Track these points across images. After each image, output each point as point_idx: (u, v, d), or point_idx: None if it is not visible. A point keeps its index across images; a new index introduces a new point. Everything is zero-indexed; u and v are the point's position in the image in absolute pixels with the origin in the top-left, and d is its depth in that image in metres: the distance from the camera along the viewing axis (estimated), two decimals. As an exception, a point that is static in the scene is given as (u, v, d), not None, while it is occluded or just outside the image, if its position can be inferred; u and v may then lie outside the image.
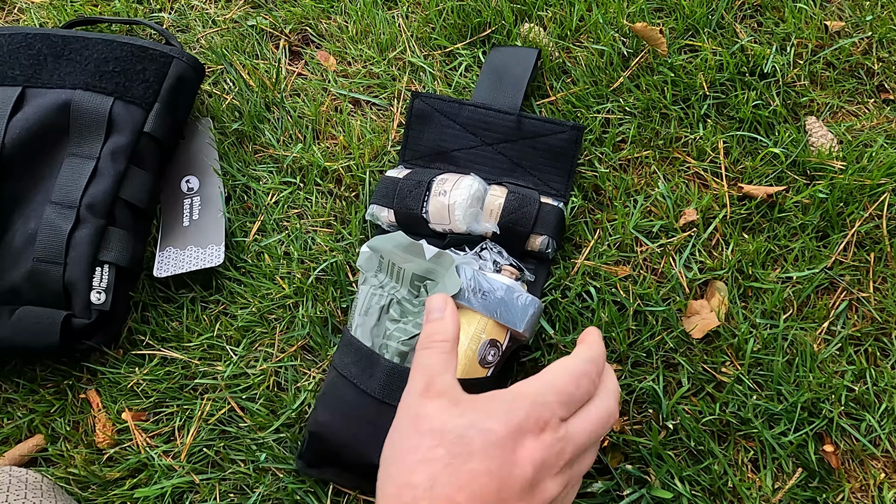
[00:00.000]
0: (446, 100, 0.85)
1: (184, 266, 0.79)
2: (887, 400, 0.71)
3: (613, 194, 0.82)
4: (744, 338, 0.73)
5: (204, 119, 0.90)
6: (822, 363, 0.73)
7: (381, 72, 0.93)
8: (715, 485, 0.67)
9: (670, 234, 0.80)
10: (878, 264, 0.78)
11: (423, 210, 0.77)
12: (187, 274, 0.81)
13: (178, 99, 0.84)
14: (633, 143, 0.85)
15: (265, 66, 0.95)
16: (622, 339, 0.73)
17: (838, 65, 0.91)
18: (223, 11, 1.01)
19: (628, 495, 0.67)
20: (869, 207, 0.80)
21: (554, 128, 0.82)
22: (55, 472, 0.72)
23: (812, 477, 0.68)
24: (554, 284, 0.77)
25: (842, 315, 0.76)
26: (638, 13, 0.93)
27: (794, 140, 0.84)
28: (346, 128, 0.89)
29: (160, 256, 0.81)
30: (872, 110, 0.88)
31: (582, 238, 0.80)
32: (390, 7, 0.99)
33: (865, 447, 0.69)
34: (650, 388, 0.71)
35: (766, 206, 0.81)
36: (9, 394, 0.77)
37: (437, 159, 0.84)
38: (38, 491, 0.61)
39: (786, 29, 0.92)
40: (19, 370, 0.78)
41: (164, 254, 0.81)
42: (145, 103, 0.81)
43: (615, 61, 0.90)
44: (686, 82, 0.88)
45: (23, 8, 1.03)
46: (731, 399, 0.71)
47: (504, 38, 0.94)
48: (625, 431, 0.70)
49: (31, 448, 0.73)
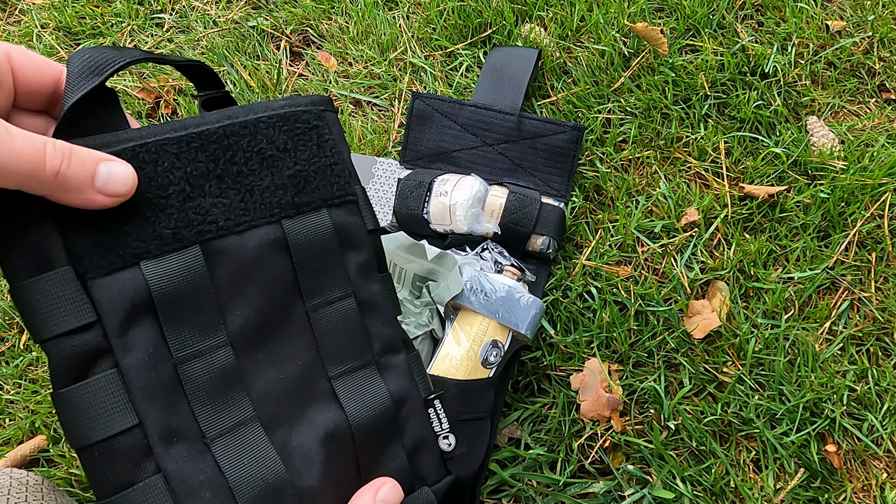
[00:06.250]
0: (447, 100, 0.85)
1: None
2: (889, 400, 0.71)
3: (615, 194, 0.82)
4: (745, 338, 0.73)
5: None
6: (823, 363, 0.73)
7: (381, 72, 0.93)
8: (717, 485, 0.67)
9: (672, 235, 0.80)
10: (879, 264, 0.78)
11: (424, 210, 0.77)
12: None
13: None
14: (635, 143, 0.85)
15: (266, 66, 0.95)
16: (623, 340, 0.73)
17: (839, 64, 0.91)
18: (224, 12, 1.01)
19: (630, 495, 0.67)
20: (870, 207, 0.80)
21: (554, 128, 0.82)
22: (56, 473, 0.72)
23: (814, 477, 0.68)
24: (555, 284, 0.77)
25: (843, 315, 0.76)
26: (639, 13, 0.93)
27: (795, 140, 0.84)
28: (347, 128, 0.89)
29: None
30: (874, 110, 0.88)
31: (583, 238, 0.80)
32: (391, 8, 0.99)
33: (868, 447, 0.69)
34: (651, 388, 0.71)
35: (767, 205, 0.81)
36: (10, 395, 0.77)
37: (437, 160, 0.84)
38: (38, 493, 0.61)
39: (787, 29, 0.92)
40: (21, 372, 0.78)
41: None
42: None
43: (616, 61, 0.90)
44: (687, 82, 0.88)
45: (24, 9, 1.03)
46: (733, 399, 0.71)
47: (505, 39, 0.94)
48: (626, 432, 0.70)
49: (33, 449, 0.73)
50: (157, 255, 0.33)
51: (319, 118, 0.39)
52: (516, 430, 0.71)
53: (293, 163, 0.38)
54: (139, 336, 0.32)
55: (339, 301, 0.40)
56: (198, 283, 0.34)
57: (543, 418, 0.72)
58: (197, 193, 0.35)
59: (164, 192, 0.34)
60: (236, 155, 0.36)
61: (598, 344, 0.74)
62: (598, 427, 0.70)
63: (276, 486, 0.34)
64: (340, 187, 0.40)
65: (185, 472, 0.33)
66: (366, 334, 0.41)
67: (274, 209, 0.37)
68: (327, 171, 0.39)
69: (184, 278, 0.34)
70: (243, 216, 0.36)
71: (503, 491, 0.68)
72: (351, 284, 0.40)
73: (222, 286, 0.35)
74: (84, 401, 0.31)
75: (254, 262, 0.36)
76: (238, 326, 0.36)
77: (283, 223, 0.37)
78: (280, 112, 0.38)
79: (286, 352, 0.38)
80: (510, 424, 0.71)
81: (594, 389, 0.70)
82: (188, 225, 0.34)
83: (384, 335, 0.42)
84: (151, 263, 0.33)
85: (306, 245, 0.38)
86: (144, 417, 0.32)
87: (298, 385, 0.38)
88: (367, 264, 0.41)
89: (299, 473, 0.36)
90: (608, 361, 0.73)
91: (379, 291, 0.42)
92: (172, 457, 0.33)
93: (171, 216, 0.34)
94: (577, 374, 0.72)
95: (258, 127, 0.37)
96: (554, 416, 0.71)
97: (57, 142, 0.29)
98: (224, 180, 0.36)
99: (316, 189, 0.39)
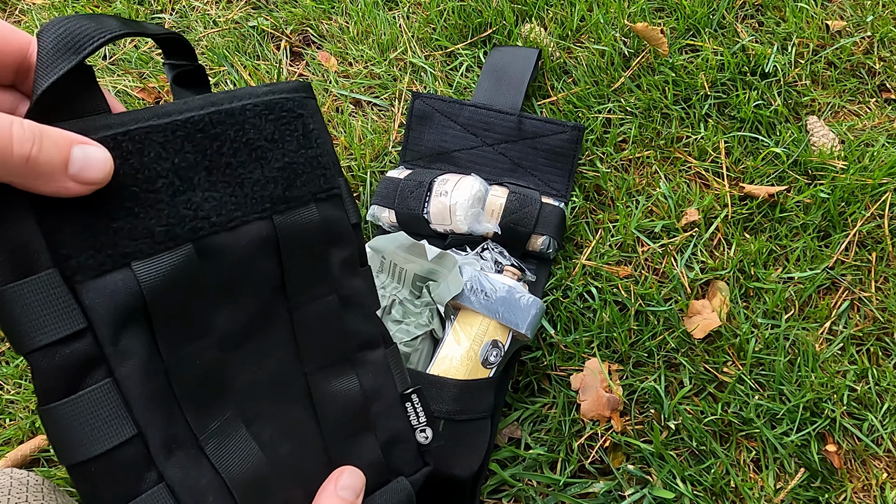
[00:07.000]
0: (447, 100, 0.85)
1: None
2: (889, 399, 0.71)
3: (615, 194, 0.82)
4: (745, 338, 0.73)
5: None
6: (823, 363, 0.73)
7: (381, 72, 0.93)
8: (717, 485, 0.67)
9: (672, 234, 0.80)
10: (879, 264, 0.78)
11: (424, 210, 0.77)
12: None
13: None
14: (635, 143, 0.85)
15: (266, 66, 0.95)
16: (624, 340, 0.73)
17: (839, 64, 0.91)
18: (224, 12, 1.01)
19: (630, 495, 0.67)
20: (870, 207, 0.80)
21: (554, 128, 0.82)
22: (57, 473, 0.72)
23: (814, 477, 0.68)
24: (555, 284, 0.77)
25: (843, 315, 0.76)
26: (639, 13, 0.93)
27: (795, 140, 0.84)
28: (347, 128, 0.89)
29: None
30: (874, 110, 0.88)
31: (583, 238, 0.80)
32: (391, 8, 0.99)
33: (868, 447, 0.69)
34: (652, 388, 0.71)
35: (767, 205, 0.81)
36: (11, 395, 0.77)
37: (437, 160, 0.84)
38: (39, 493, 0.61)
39: (787, 28, 0.92)
40: (21, 372, 0.78)
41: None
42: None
43: (616, 61, 0.90)
44: (687, 82, 0.88)
45: (24, 9, 1.03)
46: (733, 399, 0.71)
47: (505, 39, 0.94)
48: (626, 432, 0.70)
49: (33, 449, 0.73)
50: (149, 255, 0.30)
51: (303, 106, 0.37)
52: (516, 430, 0.71)
53: (282, 154, 0.36)
54: (132, 342, 0.30)
55: (322, 298, 0.38)
56: (190, 283, 0.32)
57: (543, 418, 0.72)
58: (186, 187, 0.32)
59: (152, 185, 0.31)
60: (224, 145, 0.33)
61: (599, 344, 0.74)
62: (599, 427, 0.69)
63: (260, 480, 0.34)
64: (327, 180, 0.38)
65: (188, 479, 0.31)
66: (345, 331, 0.40)
67: (265, 204, 0.35)
68: (314, 162, 0.37)
69: (177, 279, 0.31)
70: (235, 211, 0.34)
71: (503, 491, 0.68)
72: (334, 281, 0.39)
73: (213, 286, 0.33)
74: (80, 414, 0.29)
75: (245, 259, 0.34)
76: (225, 326, 0.34)
77: (274, 218, 0.35)
78: (265, 99, 0.35)
79: (267, 348, 0.37)
80: (510, 424, 0.71)
81: (594, 389, 0.70)
82: (180, 221, 0.31)
83: (363, 331, 0.41)
84: (143, 264, 0.30)
85: (295, 241, 0.36)
86: (145, 427, 0.30)
87: (276, 381, 0.37)
88: (350, 260, 0.40)
89: (274, 467, 0.35)
90: (608, 361, 0.73)
91: (361, 286, 0.41)
92: (174, 464, 0.31)
93: (162, 212, 0.31)
94: (578, 374, 0.72)
95: (245, 115, 0.34)
96: (554, 416, 0.71)
97: (25, 121, 0.26)
98: (213, 173, 0.33)
99: (305, 183, 0.37)
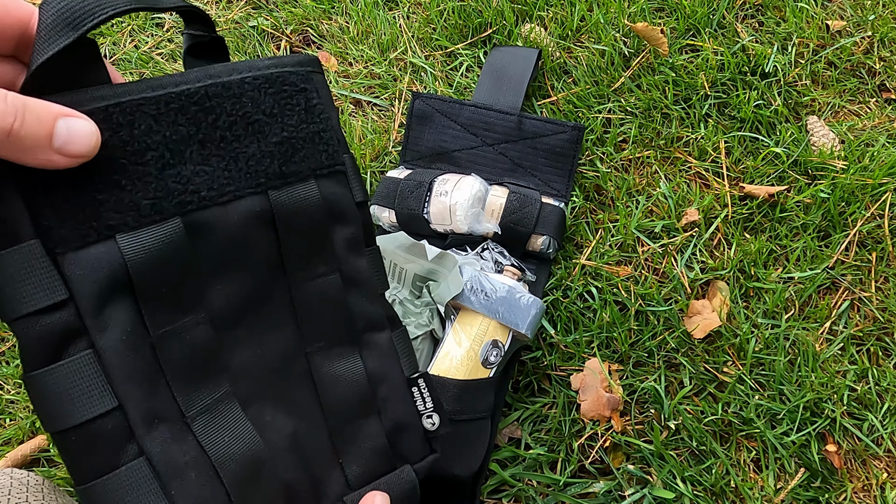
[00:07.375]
0: (447, 100, 0.85)
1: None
2: (890, 399, 0.71)
3: (615, 194, 0.82)
4: (745, 338, 0.73)
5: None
6: (824, 363, 0.73)
7: (382, 72, 0.93)
8: (717, 485, 0.67)
9: (672, 234, 0.80)
10: (879, 264, 0.78)
11: (424, 210, 0.77)
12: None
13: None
14: (635, 143, 0.85)
15: (266, 66, 0.95)
16: (624, 340, 0.73)
17: (840, 64, 0.91)
18: (224, 12, 1.01)
19: (630, 495, 0.67)
20: (871, 207, 0.80)
21: (555, 128, 0.82)
22: (57, 473, 0.72)
23: (814, 477, 0.68)
24: (555, 284, 0.77)
25: (843, 315, 0.76)
26: (639, 13, 0.93)
27: (795, 140, 0.84)
28: (347, 128, 0.89)
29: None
30: (874, 110, 0.88)
31: (583, 238, 0.80)
32: (391, 8, 0.99)
33: (868, 447, 0.69)
34: (652, 388, 0.71)
35: (767, 205, 0.81)
36: (11, 395, 0.77)
37: (438, 160, 0.84)
38: (39, 493, 0.61)
39: (787, 28, 0.92)
40: (21, 371, 0.78)
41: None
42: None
43: (616, 61, 0.90)
44: (687, 82, 0.88)
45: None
46: (733, 399, 0.71)
47: (505, 39, 0.94)
48: (627, 432, 0.70)
49: (33, 449, 0.73)
50: (135, 228, 0.30)
51: (307, 80, 0.36)
52: (516, 430, 0.71)
53: (280, 129, 0.35)
54: (116, 315, 0.30)
55: (324, 277, 0.38)
56: (178, 258, 0.31)
57: (544, 418, 0.72)
58: (177, 160, 0.31)
59: (140, 158, 0.30)
60: (219, 119, 0.33)
61: (599, 344, 0.74)
62: (599, 427, 0.69)
63: (255, 461, 0.33)
64: (329, 156, 0.37)
65: (169, 454, 0.31)
66: (348, 311, 0.39)
67: (260, 178, 0.34)
68: (315, 138, 0.36)
69: (163, 253, 0.31)
70: (227, 186, 0.33)
71: (503, 491, 0.68)
72: (337, 259, 0.38)
73: (204, 261, 0.33)
74: (59, 384, 0.29)
75: (238, 235, 0.34)
76: (218, 302, 0.34)
77: (270, 194, 0.35)
78: (266, 73, 0.35)
79: (267, 328, 0.36)
80: (510, 424, 0.71)
81: (594, 389, 0.70)
82: (168, 195, 0.31)
83: (368, 312, 0.40)
84: (128, 237, 0.30)
85: (293, 218, 0.36)
86: (125, 400, 0.30)
87: (276, 361, 0.36)
88: (354, 238, 0.39)
89: (274, 449, 0.35)
90: (608, 361, 0.73)
91: (365, 267, 0.40)
92: (155, 439, 0.31)
93: (150, 185, 0.31)
94: (578, 374, 0.72)
95: (243, 89, 0.34)
96: (554, 416, 0.71)
97: (9, 94, 0.26)
98: (206, 146, 0.32)
99: (304, 158, 0.36)
